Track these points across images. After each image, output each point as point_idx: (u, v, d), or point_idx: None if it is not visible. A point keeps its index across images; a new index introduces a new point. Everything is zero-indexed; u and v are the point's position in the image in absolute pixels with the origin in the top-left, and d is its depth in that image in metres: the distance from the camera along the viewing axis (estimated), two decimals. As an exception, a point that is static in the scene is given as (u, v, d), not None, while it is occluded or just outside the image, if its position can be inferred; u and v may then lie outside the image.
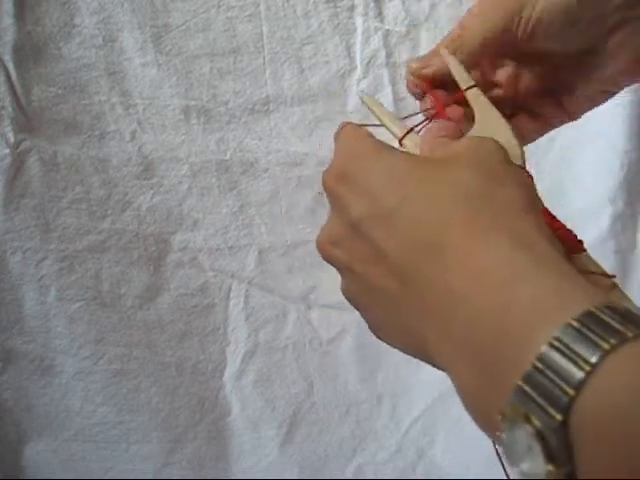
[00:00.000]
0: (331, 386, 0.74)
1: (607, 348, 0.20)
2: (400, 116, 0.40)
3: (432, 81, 0.40)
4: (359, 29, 0.67)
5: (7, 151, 0.63)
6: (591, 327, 0.21)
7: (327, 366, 0.73)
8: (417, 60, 0.41)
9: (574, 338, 0.21)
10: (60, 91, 0.64)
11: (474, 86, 0.37)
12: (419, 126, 0.38)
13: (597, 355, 0.20)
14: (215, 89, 0.66)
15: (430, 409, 0.75)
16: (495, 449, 0.25)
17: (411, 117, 0.40)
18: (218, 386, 0.73)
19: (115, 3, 0.63)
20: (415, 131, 0.37)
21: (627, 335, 0.20)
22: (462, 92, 0.37)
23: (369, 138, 0.33)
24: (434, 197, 0.28)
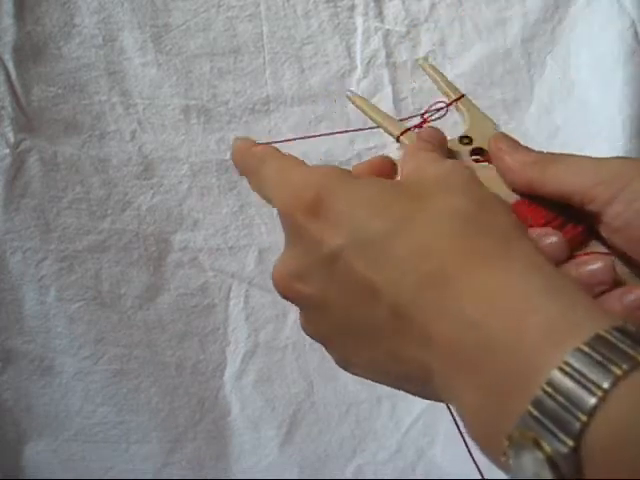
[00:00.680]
0: (331, 386, 0.74)
1: (619, 374, 0.20)
2: (399, 116, 0.40)
3: None
4: (359, 29, 0.67)
5: (7, 151, 0.63)
6: (601, 351, 0.21)
7: (327, 366, 0.72)
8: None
9: (585, 363, 0.21)
10: (60, 91, 0.64)
11: (463, 96, 0.37)
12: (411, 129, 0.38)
13: (609, 381, 0.20)
14: (215, 89, 0.66)
15: (430, 409, 0.75)
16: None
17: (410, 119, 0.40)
18: (218, 386, 0.73)
19: (115, 3, 0.63)
20: (412, 130, 0.37)
21: (638, 359, 0.20)
22: (453, 102, 0.37)
23: (328, 167, 0.30)
24: (428, 224, 0.27)
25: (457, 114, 0.38)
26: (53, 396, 0.69)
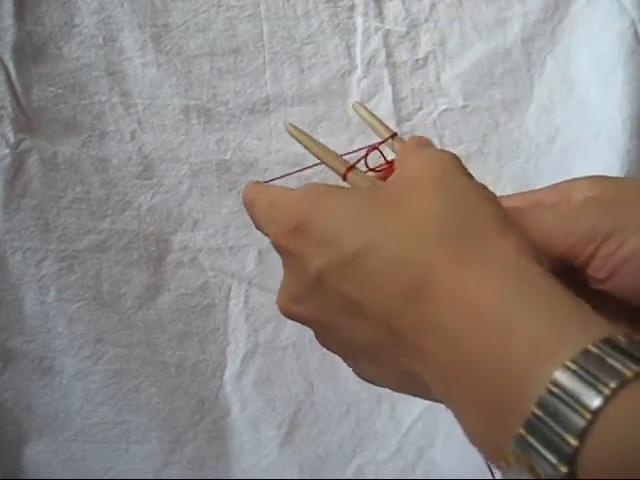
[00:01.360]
0: (331, 386, 0.74)
1: (608, 394, 0.20)
2: (399, 116, 0.40)
3: None
4: (359, 29, 0.67)
5: (7, 151, 0.63)
6: (589, 369, 0.20)
7: (327, 366, 0.72)
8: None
9: (573, 380, 0.20)
10: (60, 91, 0.64)
11: (395, 134, 0.37)
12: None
13: (598, 400, 0.20)
14: (215, 89, 0.66)
15: (430, 409, 0.75)
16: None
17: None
18: (218, 386, 0.73)
19: (115, 3, 0.63)
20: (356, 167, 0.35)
21: (627, 375, 0.20)
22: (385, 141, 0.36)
23: (310, 186, 0.30)
24: (403, 234, 0.26)
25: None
26: (53, 396, 0.69)
